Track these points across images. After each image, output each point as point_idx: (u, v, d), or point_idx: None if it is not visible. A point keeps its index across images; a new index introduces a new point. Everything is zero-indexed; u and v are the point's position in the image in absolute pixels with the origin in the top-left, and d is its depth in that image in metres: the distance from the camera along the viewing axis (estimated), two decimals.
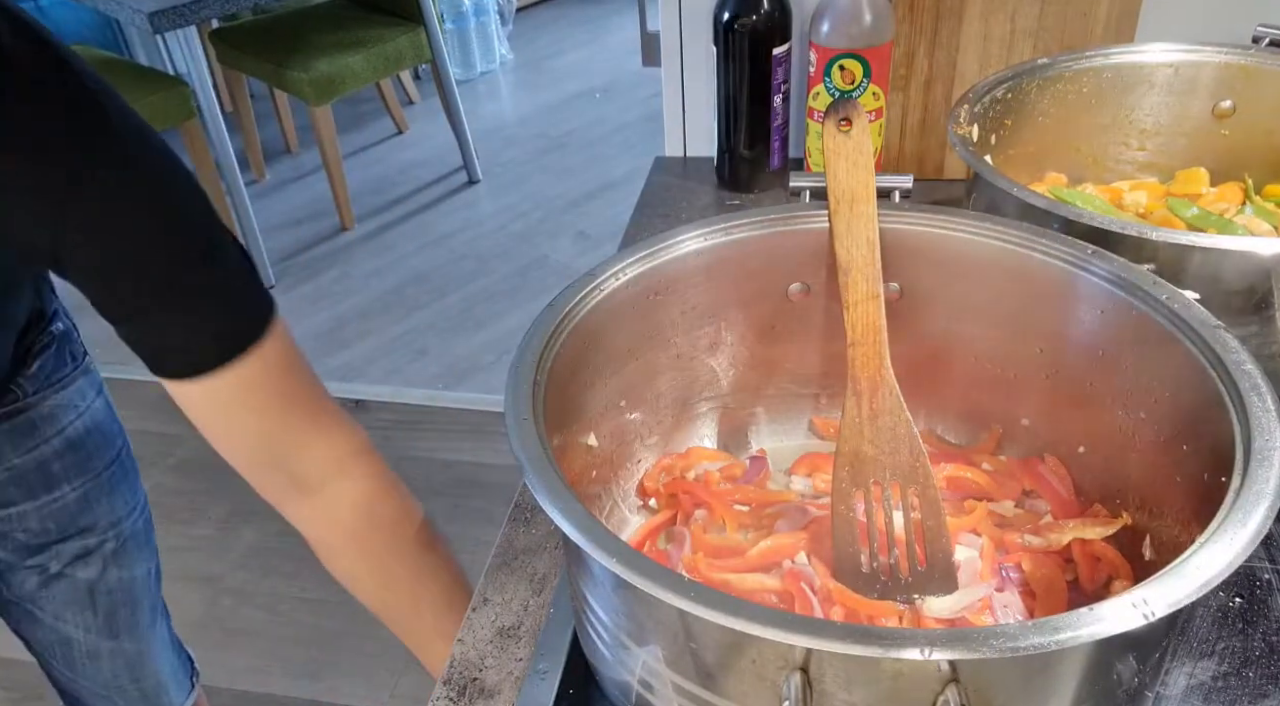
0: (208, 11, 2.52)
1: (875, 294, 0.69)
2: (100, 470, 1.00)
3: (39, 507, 0.96)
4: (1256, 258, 0.72)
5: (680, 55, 1.28)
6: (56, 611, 1.04)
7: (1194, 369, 0.59)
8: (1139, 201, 0.96)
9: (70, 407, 0.96)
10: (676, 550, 0.72)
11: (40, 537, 0.98)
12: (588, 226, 3.19)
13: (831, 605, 0.65)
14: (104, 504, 1.01)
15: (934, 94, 1.18)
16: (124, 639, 1.10)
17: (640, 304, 0.72)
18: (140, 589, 1.09)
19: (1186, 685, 0.65)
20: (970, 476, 0.76)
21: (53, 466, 0.95)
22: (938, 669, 0.45)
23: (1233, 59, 0.97)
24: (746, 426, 0.83)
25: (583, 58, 4.39)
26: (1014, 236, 0.71)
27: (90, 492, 1.00)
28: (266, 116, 3.67)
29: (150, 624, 1.13)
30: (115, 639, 1.09)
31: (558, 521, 0.51)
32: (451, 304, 2.88)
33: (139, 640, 1.12)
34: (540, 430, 0.57)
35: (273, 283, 2.98)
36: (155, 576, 1.12)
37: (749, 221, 0.74)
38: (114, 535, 1.03)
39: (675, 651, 0.53)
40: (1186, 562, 0.46)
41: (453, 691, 0.70)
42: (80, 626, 1.06)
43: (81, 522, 1.00)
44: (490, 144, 3.67)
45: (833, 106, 0.71)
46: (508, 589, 0.78)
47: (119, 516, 1.03)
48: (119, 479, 1.03)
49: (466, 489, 2.25)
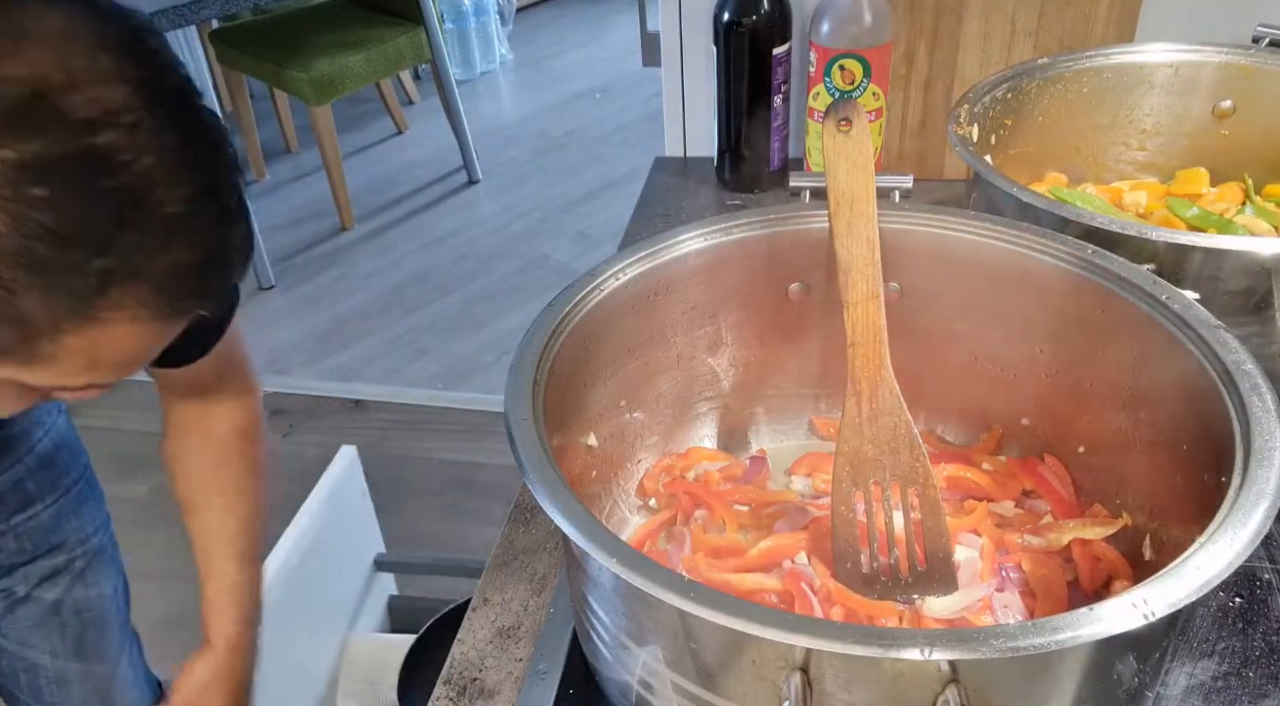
0: (208, 11, 2.52)
1: (875, 294, 0.69)
2: (70, 486, 0.99)
3: (14, 527, 0.95)
4: (1256, 258, 0.72)
5: (680, 55, 1.28)
6: (22, 636, 1.02)
7: (1194, 369, 0.59)
8: (1139, 201, 0.96)
9: (38, 424, 0.95)
10: (676, 550, 0.72)
11: (15, 557, 0.97)
12: (588, 226, 3.19)
13: (831, 605, 0.65)
14: (74, 520, 1.00)
15: (934, 94, 1.18)
16: (93, 661, 1.07)
17: (640, 304, 0.72)
18: (108, 608, 1.07)
19: (1186, 685, 0.65)
20: (970, 476, 0.76)
21: (27, 485, 0.95)
22: (938, 669, 0.45)
23: (1233, 59, 0.97)
24: (746, 426, 0.83)
25: (583, 58, 4.38)
26: (1014, 236, 0.71)
27: (62, 509, 0.99)
28: (266, 116, 3.66)
29: (120, 646, 1.10)
30: (84, 662, 1.06)
31: (558, 521, 0.51)
32: (451, 304, 2.88)
33: (108, 663, 1.09)
34: (540, 430, 0.57)
35: (273, 283, 2.97)
36: (123, 596, 1.10)
37: (749, 221, 0.74)
38: (83, 552, 1.02)
39: (675, 651, 0.53)
40: (1186, 562, 0.46)
41: (453, 691, 0.70)
42: (47, 651, 1.03)
43: (53, 540, 0.99)
44: (490, 144, 3.67)
45: (833, 106, 0.71)
46: (508, 589, 0.78)
47: (87, 533, 1.02)
48: (87, 494, 1.02)
49: (466, 489, 2.25)
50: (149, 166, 0.47)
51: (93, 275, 0.47)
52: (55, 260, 0.46)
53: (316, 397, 2.53)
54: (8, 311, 0.47)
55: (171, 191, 0.48)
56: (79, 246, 0.46)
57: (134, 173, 0.47)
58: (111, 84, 0.47)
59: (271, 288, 2.97)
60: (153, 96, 0.48)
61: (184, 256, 0.50)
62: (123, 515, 1.13)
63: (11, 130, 0.44)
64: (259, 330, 2.80)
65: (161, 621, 1.41)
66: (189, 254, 0.50)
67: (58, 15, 0.48)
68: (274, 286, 2.98)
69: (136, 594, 1.12)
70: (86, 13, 0.49)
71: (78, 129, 0.46)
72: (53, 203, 0.45)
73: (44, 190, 0.45)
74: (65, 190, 0.45)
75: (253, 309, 2.90)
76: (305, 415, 2.47)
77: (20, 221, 0.45)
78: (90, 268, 0.47)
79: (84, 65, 0.47)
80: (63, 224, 0.45)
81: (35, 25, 0.47)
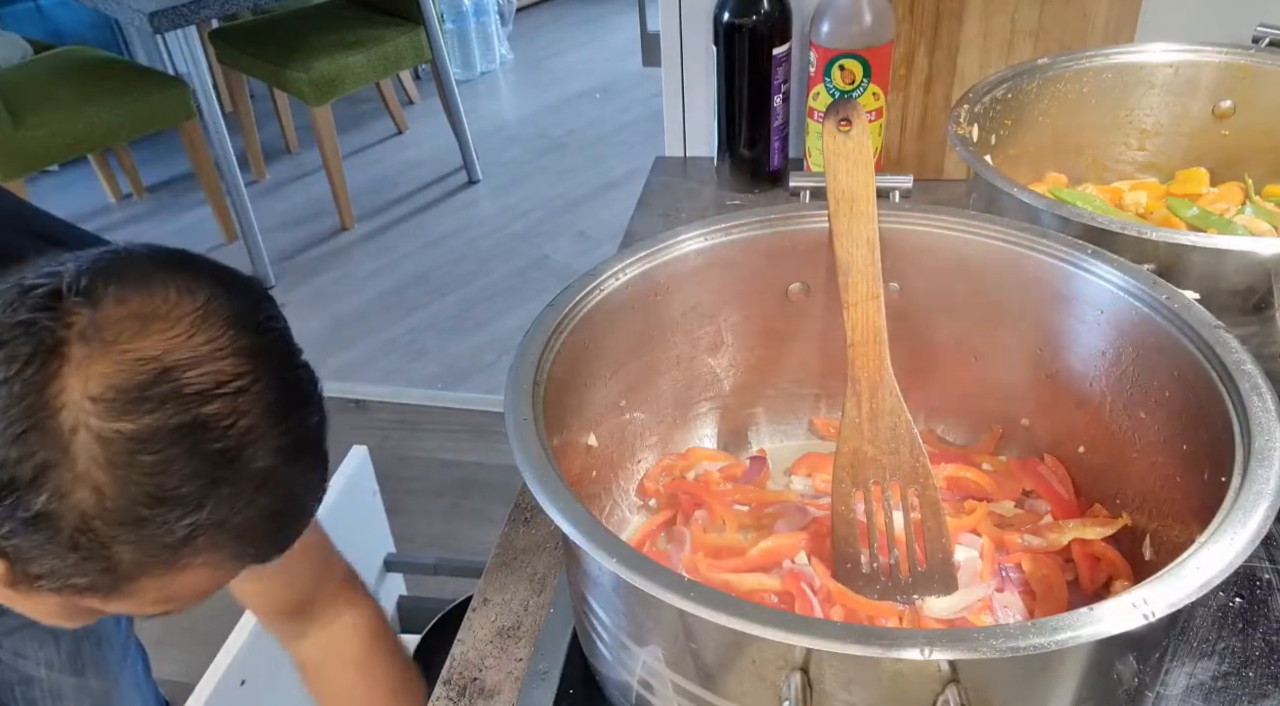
0: (208, 11, 2.52)
1: (875, 294, 0.69)
2: None
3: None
4: (1256, 258, 0.71)
5: (680, 55, 1.28)
6: (17, 647, 1.01)
7: (1194, 369, 0.59)
8: (1139, 201, 0.96)
9: None
10: (676, 550, 0.72)
11: None
12: (588, 226, 3.18)
13: (831, 605, 0.65)
14: None
15: (934, 94, 1.18)
16: (90, 675, 1.06)
17: (640, 304, 0.72)
18: (106, 621, 1.05)
19: (1186, 685, 0.65)
20: (970, 476, 0.76)
21: None
22: (938, 669, 0.45)
23: (1233, 59, 0.97)
24: (746, 426, 0.83)
25: (583, 58, 4.38)
26: (1014, 236, 0.70)
27: None
28: (266, 116, 3.66)
29: (119, 661, 1.09)
30: (80, 676, 1.05)
31: (558, 521, 0.51)
32: (451, 304, 2.88)
33: (105, 677, 1.07)
34: (540, 430, 0.57)
35: (273, 283, 2.97)
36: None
37: (749, 221, 0.74)
38: None
39: (675, 651, 0.52)
40: (1186, 562, 0.46)
41: (453, 691, 0.70)
42: (43, 662, 1.02)
43: None
44: (490, 144, 3.67)
45: (833, 107, 0.71)
46: (508, 589, 0.78)
47: None
48: None
49: (466, 489, 2.25)
50: (247, 427, 0.49)
51: (183, 530, 0.48)
52: (153, 518, 0.48)
53: None
54: (100, 561, 0.48)
55: (264, 446, 0.50)
56: (177, 506, 0.48)
57: (233, 435, 0.48)
58: (227, 357, 0.49)
59: (271, 288, 2.95)
60: (260, 361, 0.50)
61: (267, 506, 0.51)
62: None
63: (135, 404, 0.46)
64: None
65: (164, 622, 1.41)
66: (272, 504, 0.51)
67: (194, 296, 0.49)
68: (274, 286, 2.98)
69: None
70: (221, 291, 0.50)
71: (191, 401, 0.47)
72: (159, 469, 0.47)
73: (153, 458, 0.46)
74: (172, 457, 0.47)
75: None
76: None
77: (126, 485, 0.47)
78: (182, 524, 0.48)
79: (208, 342, 0.48)
80: (164, 488, 0.47)
81: (173, 307, 0.48)
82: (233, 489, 0.49)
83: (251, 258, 2.93)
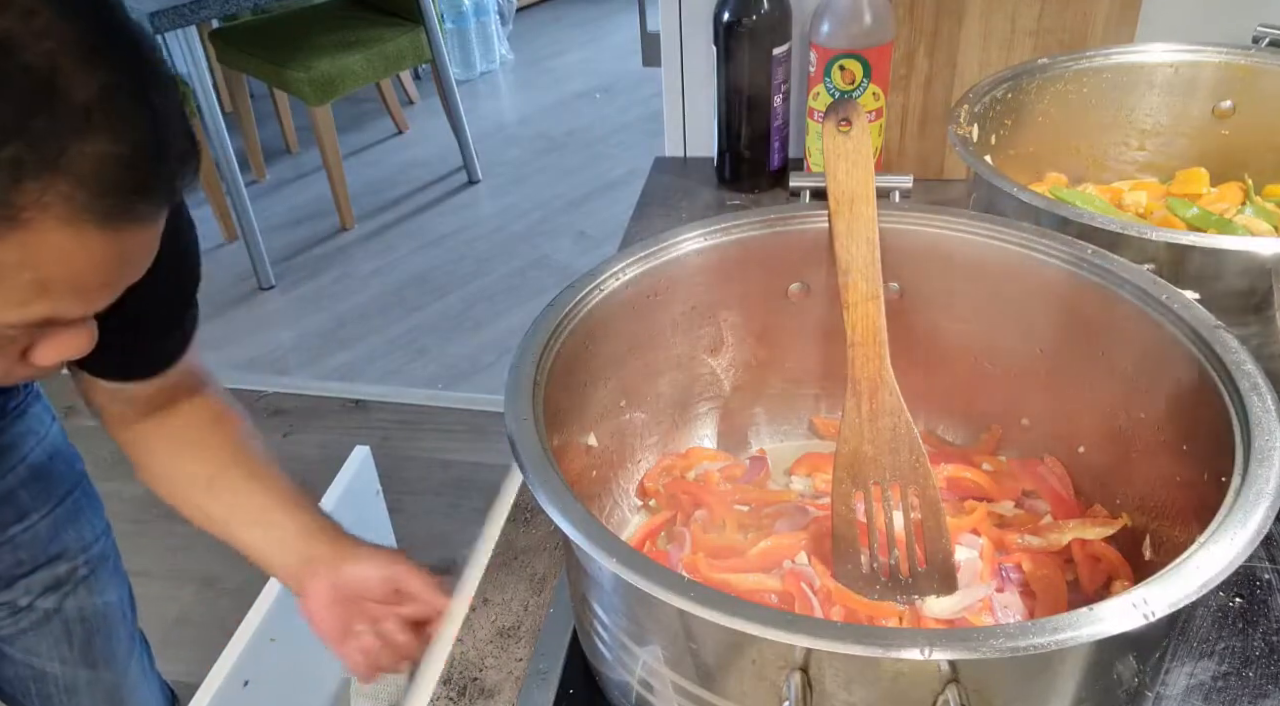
0: (208, 11, 2.52)
1: (875, 294, 0.69)
2: (65, 495, 0.99)
3: (10, 539, 0.94)
4: (1256, 258, 0.71)
5: (680, 55, 1.28)
6: (29, 646, 1.01)
7: (1194, 369, 0.59)
8: (1139, 201, 0.96)
9: (30, 434, 0.95)
10: (676, 550, 0.72)
11: (14, 569, 0.96)
12: (588, 226, 3.19)
13: (831, 605, 0.65)
14: (71, 530, 1.00)
15: (934, 94, 1.18)
16: (102, 669, 1.07)
17: (640, 304, 0.72)
18: (115, 616, 1.07)
19: (1186, 685, 0.65)
20: (970, 476, 0.76)
21: (20, 495, 0.94)
22: (938, 669, 0.45)
23: (1233, 59, 0.97)
24: (746, 426, 0.83)
25: (583, 58, 4.39)
26: (1014, 236, 0.71)
27: (59, 519, 0.98)
28: (266, 116, 3.66)
29: (128, 653, 1.10)
30: (93, 669, 1.06)
31: (558, 521, 0.51)
32: (451, 304, 2.88)
33: (117, 670, 1.09)
34: (540, 430, 0.57)
35: (273, 283, 2.97)
36: (129, 605, 1.10)
37: (749, 221, 0.74)
38: (84, 560, 1.01)
39: (675, 651, 0.53)
40: (1186, 562, 0.46)
41: (453, 691, 0.70)
42: (56, 658, 1.03)
43: (52, 550, 0.98)
44: (490, 144, 3.67)
45: (833, 107, 0.71)
46: (508, 589, 0.78)
47: (88, 541, 1.02)
48: (84, 503, 1.02)
49: (466, 489, 2.25)
50: (48, 51, 0.46)
51: (4, 166, 0.46)
52: None
53: (316, 398, 2.53)
54: None
55: (80, 80, 0.47)
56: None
57: (35, 58, 0.46)
58: None
59: (271, 288, 2.97)
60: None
61: (106, 148, 0.48)
62: (120, 514, 1.12)
63: None
64: (259, 330, 2.80)
65: (167, 622, 1.42)
66: (111, 145, 0.48)
67: None
68: (274, 286, 2.98)
69: (138, 595, 1.12)
70: None
71: None
72: None
73: None
74: None
75: (252, 309, 2.90)
76: (305, 415, 2.47)
77: None
78: (3, 155, 0.45)
79: None
80: None
81: None
82: (51, 121, 0.47)
83: (251, 258, 2.93)
